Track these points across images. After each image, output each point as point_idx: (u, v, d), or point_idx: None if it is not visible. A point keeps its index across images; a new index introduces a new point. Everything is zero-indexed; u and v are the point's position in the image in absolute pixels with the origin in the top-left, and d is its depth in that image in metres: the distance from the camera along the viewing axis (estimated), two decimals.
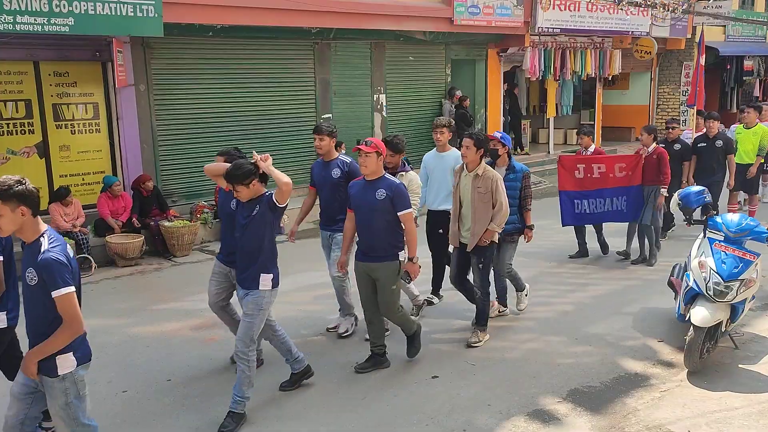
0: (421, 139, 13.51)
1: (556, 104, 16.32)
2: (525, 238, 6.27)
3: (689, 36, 18.07)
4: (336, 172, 5.77)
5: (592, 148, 8.42)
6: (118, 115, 9.44)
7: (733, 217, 5.60)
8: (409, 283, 5.17)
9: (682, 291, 5.64)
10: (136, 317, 6.80)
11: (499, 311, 6.51)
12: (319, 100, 11.65)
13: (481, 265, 5.75)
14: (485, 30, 13.30)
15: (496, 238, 5.73)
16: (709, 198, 6.04)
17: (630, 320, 6.45)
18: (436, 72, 13.59)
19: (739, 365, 5.43)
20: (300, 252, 9.52)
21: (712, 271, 5.27)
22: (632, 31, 16.10)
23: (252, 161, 4.49)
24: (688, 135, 10.24)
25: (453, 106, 13.32)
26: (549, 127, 16.67)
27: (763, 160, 9.97)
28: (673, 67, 19.02)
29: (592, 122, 17.57)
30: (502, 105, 15.19)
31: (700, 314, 5.17)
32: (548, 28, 14.16)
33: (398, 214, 4.95)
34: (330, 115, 11.83)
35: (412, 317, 5.90)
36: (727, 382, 5.14)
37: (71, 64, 9.05)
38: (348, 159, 5.88)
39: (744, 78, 20.56)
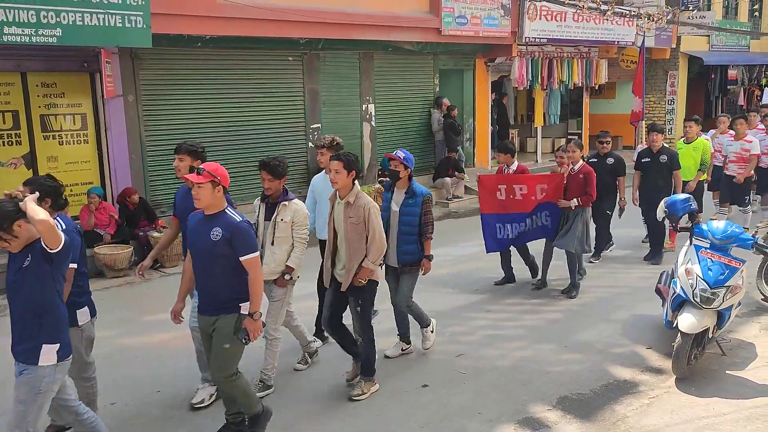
0: (409, 148, 13.55)
1: (544, 113, 16.45)
2: (422, 269, 5.57)
3: (674, 46, 18.31)
4: None
5: (514, 166, 7.60)
6: (106, 126, 9.41)
7: (719, 225, 5.67)
8: (246, 344, 4.16)
9: (669, 298, 5.68)
10: (125, 328, 6.76)
11: (402, 349, 5.90)
12: (307, 110, 11.68)
13: (359, 308, 5.03)
14: (473, 40, 13.40)
15: (376, 276, 5.03)
16: (695, 205, 6.10)
17: (618, 327, 6.50)
18: (425, 82, 13.66)
19: (727, 371, 5.48)
20: None
21: (698, 278, 5.32)
22: (618, 41, 16.28)
23: (12, 198, 3.57)
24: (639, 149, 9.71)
25: (442, 115, 13.40)
26: (537, 136, 16.79)
27: (704, 176, 9.39)
28: (658, 77, 19.25)
29: (580, 131, 17.72)
30: (490, 114, 15.29)
31: (688, 321, 5.22)
32: (535, 38, 14.28)
33: (240, 259, 4.08)
34: (319, 125, 11.86)
35: (264, 390, 5.11)
36: (715, 388, 5.18)
37: (59, 75, 9.02)
38: None
39: (728, 87, 20.83)
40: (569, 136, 17.76)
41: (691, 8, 18.04)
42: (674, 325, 5.41)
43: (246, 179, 11.07)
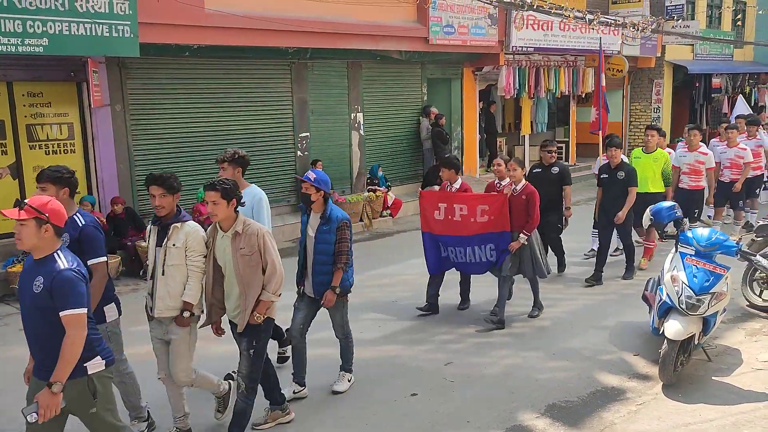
0: (398, 157, 13.61)
1: (531, 121, 16.56)
2: (323, 300, 5.02)
3: (659, 55, 18.51)
4: (65, 238, 3.92)
5: (458, 184, 6.95)
6: (93, 136, 9.38)
7: (704, 232, 5.73)
8: (33, 422, 3.27)
9: (655, 305, 5.73)
10: None
11: (294, 392, 5.19)
12: (296, 119, 11.69)
13: (252, 351, 4.41)
14: (460, 49, 13.49)
15: (272, 312, 4.52)
16: (680, 213, 6.16)
17: (606, 334, 6.53)
18: (413, 91, 13.73)
19: (713, 377, 5.52)
20: None
21: (684, 284, 5.37)
22: (604, 50, 16.42)
23: None
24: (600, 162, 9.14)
25: (430, 123, 13.46)
26: (524, 144, 16.88)
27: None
28: (644, 85, 19.46)
29: (567, 138, 17.83)
30: (477, 123, 15.38)
31: (674, 327, 5.26)
32: (522, 46, 14.41)
33: (60, 314, 3.35)
34: (308, 134, 11.88)
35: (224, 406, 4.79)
36: (701, 394, 5.22)
37: (46, 85, 8.98)
38: (83, 219, 4.27)
39: (712, 95, 21.06)
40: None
41: (675, 18, 18.26)
42: (661, 332, 5.45)
43: None
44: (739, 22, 22.46)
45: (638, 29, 14.46)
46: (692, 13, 19.91)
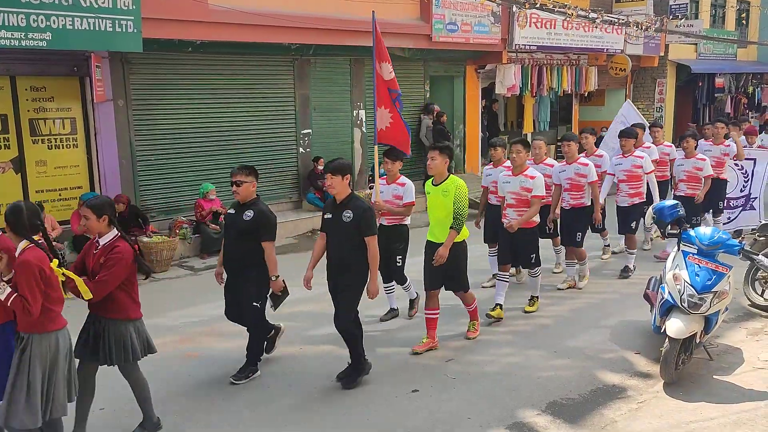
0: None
1: (534, 120, 16.55)
2: None
3: (662, 54, 18.50)
4: None
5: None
6: (96, 131, 9.39)
7: (706, 231, 5.72)
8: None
9: (657, 303, 5.72)
10: None
11: None
12: (298, 115, 11.69)
13: None
14: (463, 47, 13.48)
15: None
16: (682, 212, 6.13)
17: (607, 333, 6.53)
18: (415, 88, 13.71)
19: (714, 376, 5.52)
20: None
21: (686, 283, 5.36)
22: (607, 49, 16.43)
23: None
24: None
25: (432, 121, 13.44)
26: None
27: (461, 238, 5.79)
28: (646, 84, 19.44)
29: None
30: (480, 121, 15.37)
31: (675, 326, 5.26)
32: (525, 45, 14.40)
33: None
34: (310, 130, 11.88)
35: None
36: (703, 393, 5.22)
37: (49, 79, 8.99)
38: None
39: (716, 95, 21.04)
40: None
41: (679, 17, 18.24)
42: (662, 331, 5.44)
43: None
44: (743, 21, 22.43)
45: (642, 28, 14.45)
46: (696, 12, 19.89)
